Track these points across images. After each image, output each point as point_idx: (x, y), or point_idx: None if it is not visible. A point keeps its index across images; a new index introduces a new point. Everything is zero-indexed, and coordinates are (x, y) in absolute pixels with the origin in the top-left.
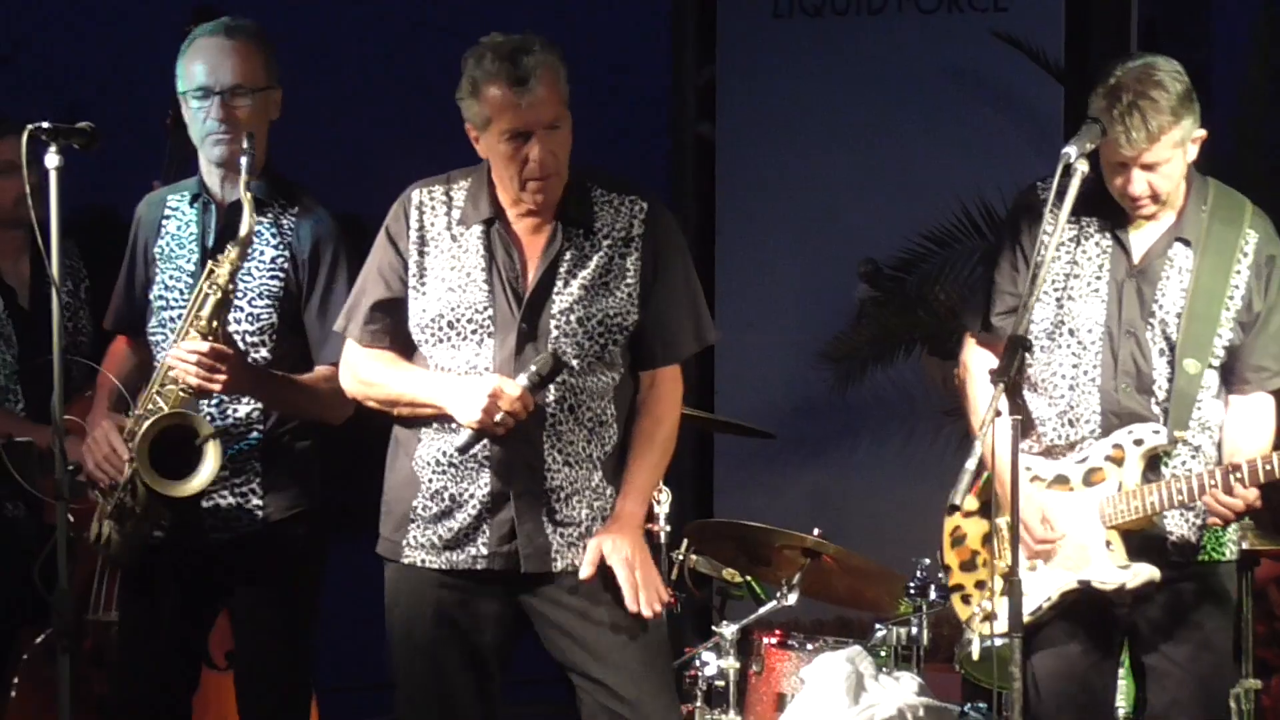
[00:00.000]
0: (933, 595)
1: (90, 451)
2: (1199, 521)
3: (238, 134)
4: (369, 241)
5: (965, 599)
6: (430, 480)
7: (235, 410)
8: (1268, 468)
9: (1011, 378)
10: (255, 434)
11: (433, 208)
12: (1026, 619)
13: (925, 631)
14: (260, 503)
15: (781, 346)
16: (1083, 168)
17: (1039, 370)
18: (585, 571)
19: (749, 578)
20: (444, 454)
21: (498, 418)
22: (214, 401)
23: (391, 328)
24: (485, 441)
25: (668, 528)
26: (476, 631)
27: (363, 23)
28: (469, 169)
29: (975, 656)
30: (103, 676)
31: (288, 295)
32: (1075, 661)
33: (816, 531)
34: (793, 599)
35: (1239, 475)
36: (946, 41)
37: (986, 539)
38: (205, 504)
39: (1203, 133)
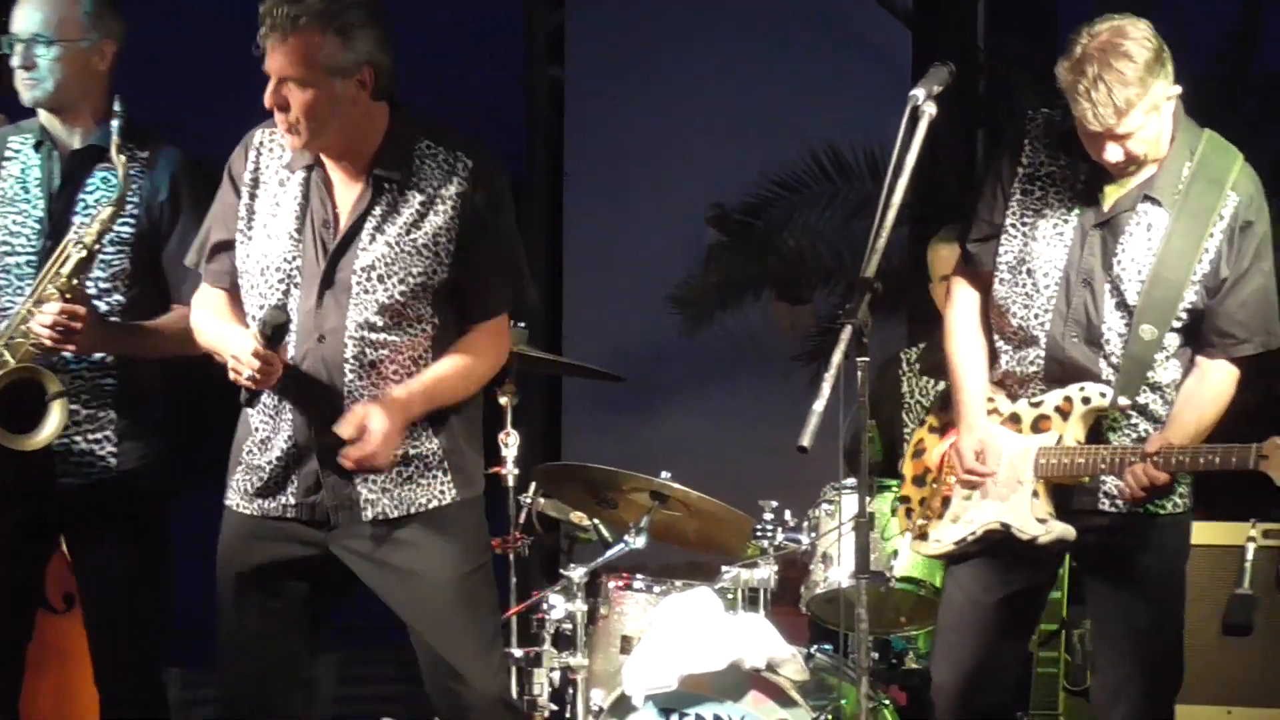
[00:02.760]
0: (779, 538)
1: None
2: None
3: (39, 82)
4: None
5: (909, 512)
6: (249, 426)
7: (90, 355)
8: (1180, 459)
9: (859, 319)
10: (110, 380)
11: (270, 149)
12: (951, 545)
13: (772, 574)
14: (115, 449)
15: (630, 291)
16: (930, 110)
17: (996, 303)
18: (343, 431)
19: (597, 521)
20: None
21: (245, 375)
22: None
23: (231, 269)
24: (288, 393)
25: (515, 471)
26: (290, 580)
27: None
28: None
29: (898, 571)
30: None
31: (140, 240)
32: (997, 594)
33: (664, 475)
34: (641, 542)
35: (1157, 460)
36: None
37: (941, 458)
38: (56, 448)
39: (1178, 89)
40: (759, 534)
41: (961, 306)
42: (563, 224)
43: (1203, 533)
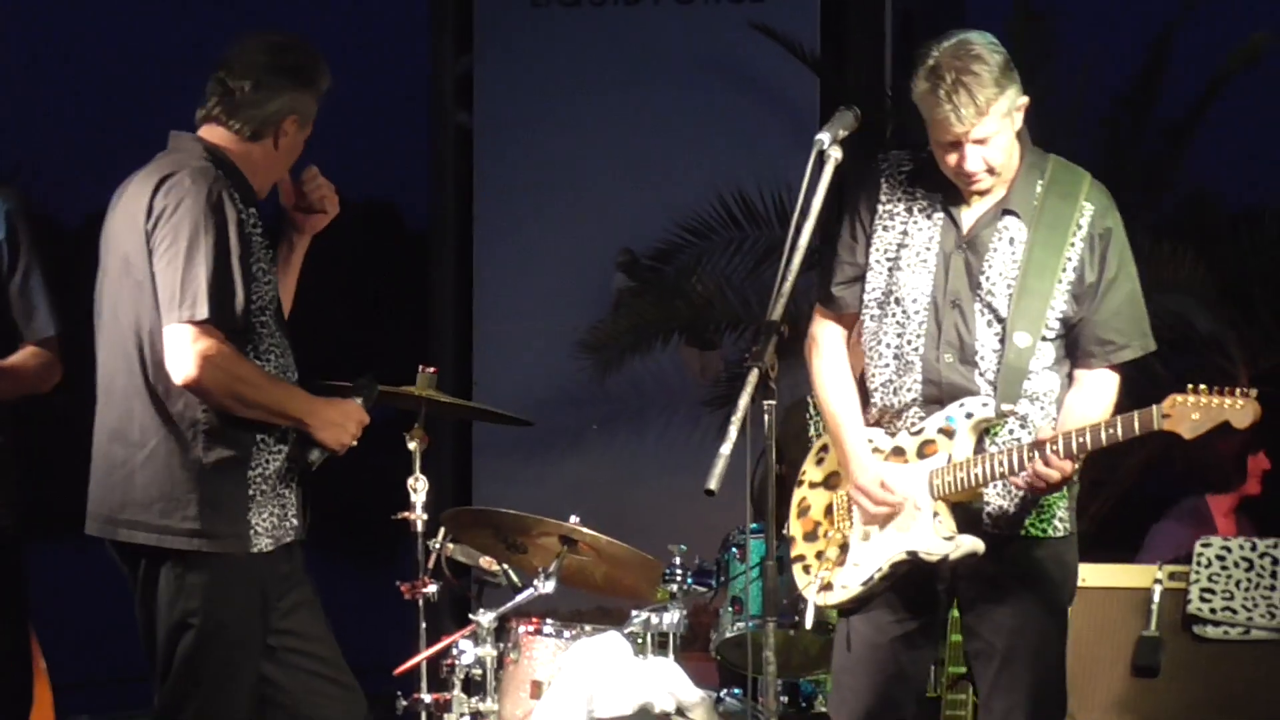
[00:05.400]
0: (689, 583)
1: None
2: (1020, 493)
3: None
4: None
5: (806, 569)
6: (265, 465)
7: None
8: (1081, 440)
9: (765, 362)
10: None
11: (230, 196)
12: (859, 588)
13: (682, 618)
14: None
15: (540, 336)
16: (836, 154)
17: (868, 340)
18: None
19: (506, 565)
20: (273, 442)
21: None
22: None
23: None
24: None
25: (424, 516)
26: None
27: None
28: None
29: (809, 625)
30: None
31: None
32: (891, 633)
33: (573, 519)
34: (550, 586)
35: (1055, 447)
36: (703, 32)
37: (828, 510)
38: None
39: (1025, 100)
40: (668, 578)
41: (828, 352)
42: (472, 269)
43: (1110, 575)
